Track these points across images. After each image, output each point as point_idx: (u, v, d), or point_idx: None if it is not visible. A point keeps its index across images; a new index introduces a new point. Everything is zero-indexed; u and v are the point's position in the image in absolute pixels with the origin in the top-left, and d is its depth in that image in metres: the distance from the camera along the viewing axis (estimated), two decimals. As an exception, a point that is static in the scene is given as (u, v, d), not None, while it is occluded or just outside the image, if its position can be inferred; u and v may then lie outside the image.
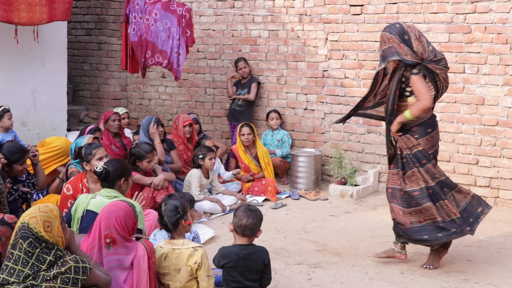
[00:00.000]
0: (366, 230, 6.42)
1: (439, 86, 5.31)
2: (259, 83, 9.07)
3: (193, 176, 7.14)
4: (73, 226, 4.83)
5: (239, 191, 7.78)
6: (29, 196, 5.63)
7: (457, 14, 7.42)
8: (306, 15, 8.59)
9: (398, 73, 5.24)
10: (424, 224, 5.21)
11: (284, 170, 8.59)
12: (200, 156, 7.19)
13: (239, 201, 7.34)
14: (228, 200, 7.31)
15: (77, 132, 8.31)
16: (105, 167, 4.84)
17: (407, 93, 5.29)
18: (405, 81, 5.24)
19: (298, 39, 8.73)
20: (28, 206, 5.53)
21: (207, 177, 7.31)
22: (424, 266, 5.37)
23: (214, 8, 9.44)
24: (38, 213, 3.44)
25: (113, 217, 3.99)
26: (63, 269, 3.37)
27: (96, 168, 4.88)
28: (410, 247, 5.82)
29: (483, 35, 7.28)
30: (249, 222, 4.16)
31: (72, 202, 5.32)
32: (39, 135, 8.71)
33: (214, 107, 9.73)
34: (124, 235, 3.98)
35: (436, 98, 5.36)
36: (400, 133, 5.32)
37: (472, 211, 5.32)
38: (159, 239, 4.71)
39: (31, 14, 7.84)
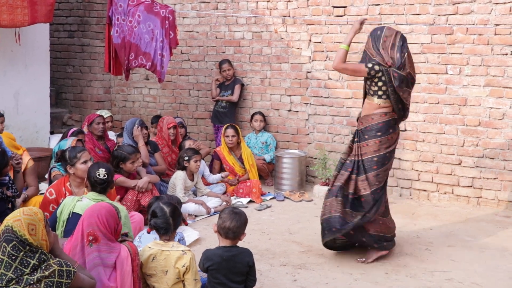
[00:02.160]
0: (351, 230, 6.44)
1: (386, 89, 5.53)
2: (242, 85, 9.07)
3: (178, 178, 7.13)
4: (58, 228, 4.82)
5: (224, 193, 7.78)
6: (12, 200, 5.60)
7: (439, 15, 7.48)
8: (289, 16, 8.61)
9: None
10: None
11: (267, 172, 8.60)
12: (186, 158, 7.18)
13: (224, 203, 7.34)
14: (213, 202, 7.30)
15: (60, 135, 8.26)
16: (108, 173, 4.92)
17: (371, 92, 5.59)
18: (370, 78, 5.55)
19: (281, 41, 8.75)
20: (14, 209, 5.50)
21: (192, 179, 7.30)
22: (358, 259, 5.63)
23: (198, 10, 9.44)
24: (23, 216, 3.42)
25: (95, 215, 4.01)
26: (47, 273, 3.35)
27: (99, 175, 4.90)
28: (395, 248, 5.86)
29: (465, 36, 7.35)
30: (232, 225, 4.14)
31: (55, 206, 5.31)
32: (22, 138, 8.66)
33: (198, 109, 9.72)
34: (106, 233, 3.97)
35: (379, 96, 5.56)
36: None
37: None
38: (145, 242, 4.70)
39: (13, 16, 7.80)
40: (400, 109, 5.54)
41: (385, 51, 5.45)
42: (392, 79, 5.39)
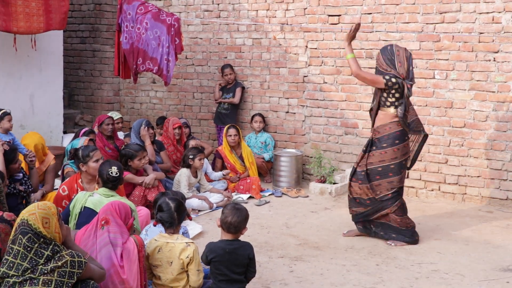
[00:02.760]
0: (344, 225, 6.44)
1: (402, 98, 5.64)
2: (243, 88, 9.07)
3: (183, 175, 7.13)
4: (71, 221, 4.82)
5: (225, 189, 7.78)
6: (24, 195, 5.60)
7: (427, 24, 7.48)
8: (287, 24, 8.61)
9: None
10: None
11: (266, 170, 8.59)
12: (191, 157, 7.18)
13: (225, 199, 7.33)
14: (215, 198, 7.30)
15: (73, 135, 8.25)
16: (119, 171, 4.94)
17: (388, 103, 5.67)
18: (386, 90, 5.60)
19: (280, 47, 8.75)
20: (27, 204, 5.50)
21: (196, 176, 7.30)
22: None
23: (201, 17, 9.43)
24: (37, 210, 3.43)
25: (110, 204, 4.10)
26: (59, 263, 3.36)
27: (111, 173, 4.91)
28: (385, 240, 5.86)
29: (451, 44, 7.35)
30: (233, 220, 4.12)
31: (67, 202, 5.31)
32: (37, 138, 8.66)
33: (201, 111, 9.72)
34: (116, 218, 4.02)
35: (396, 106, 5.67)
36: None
37: None
38: (151, 234, 4.70)
39: (29, 23, 7.81)
40: (403, 118, 5.64)
41: (401, 63, 5.58)
42: (406, 90, 5.54)
